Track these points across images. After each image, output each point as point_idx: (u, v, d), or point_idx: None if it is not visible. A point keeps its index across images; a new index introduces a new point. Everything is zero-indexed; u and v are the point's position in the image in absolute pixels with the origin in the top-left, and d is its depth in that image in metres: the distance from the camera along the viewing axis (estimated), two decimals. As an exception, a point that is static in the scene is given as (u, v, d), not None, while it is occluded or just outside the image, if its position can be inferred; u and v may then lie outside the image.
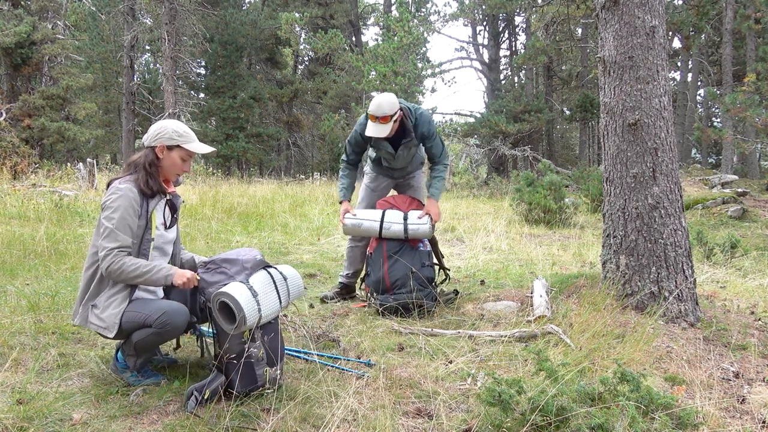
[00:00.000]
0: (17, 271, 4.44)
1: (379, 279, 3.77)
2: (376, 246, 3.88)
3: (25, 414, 2.12)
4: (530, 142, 19.68)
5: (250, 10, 23.79)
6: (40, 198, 8.46)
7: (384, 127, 3.67)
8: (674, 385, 2.51)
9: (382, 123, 3.65)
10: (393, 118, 3.66)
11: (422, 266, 3.77)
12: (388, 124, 3.66)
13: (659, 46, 3.36)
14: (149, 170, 2.49)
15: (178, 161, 2.56)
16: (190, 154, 2.59)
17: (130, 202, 2.40)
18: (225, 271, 2.47)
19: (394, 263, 3.76)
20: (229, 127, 21.17)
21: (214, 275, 2.48)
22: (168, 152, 2.54)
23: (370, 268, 3.89)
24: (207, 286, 2.46)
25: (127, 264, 2.34)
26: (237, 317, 2.26)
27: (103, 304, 2.40)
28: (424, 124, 3.86)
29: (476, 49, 24.75)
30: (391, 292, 3.72)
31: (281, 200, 10.43)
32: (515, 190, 9.85)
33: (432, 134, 3.90)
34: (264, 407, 2.30)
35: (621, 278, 3.40)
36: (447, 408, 2.35)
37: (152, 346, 2.44)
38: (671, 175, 3.36)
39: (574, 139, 28.18)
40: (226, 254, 2.55)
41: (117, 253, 2.34)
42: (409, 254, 3.79)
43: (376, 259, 3.84)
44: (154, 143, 2.53)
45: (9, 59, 16.14)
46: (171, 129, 2.54)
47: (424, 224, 3.77)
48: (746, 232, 8.58)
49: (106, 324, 2.38)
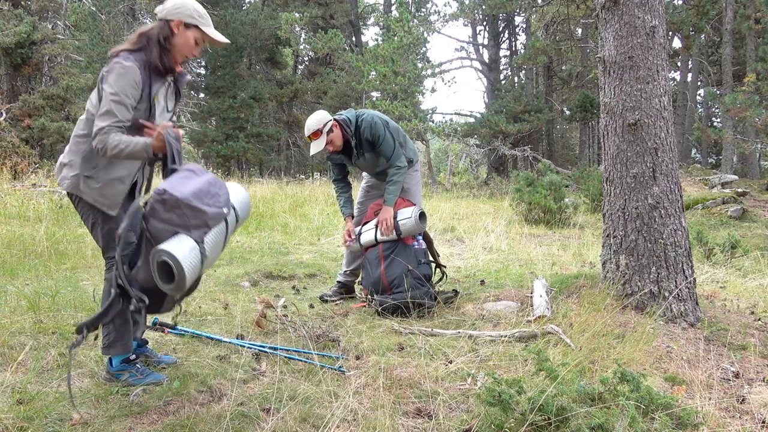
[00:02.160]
0: (17, 271, 4.44)
1: (376, 280, 3.78)
2: (371, 248, 3.91)
3: (25, 414, 2.12)
4: (530, 142, 19.67)
5: (250, 10, 23.77)
6: (40, 198, 8.45)
7: (318, 142, 3.81)
8: (674, 385, 2.51)
9: (315, 139, 3.81)
10: (324, 131, 3.79)
11: (419, 264, 3.80)
12: (320, 138, 3.80)
13: (659, 46, 3.36)
14: (164, 44, 2.33)
15: (192, 42, 2.40)
16: (204, 38, 2.45)
17: (132, 82, 2.25)
18: (184, 218, 2.02)
19: (390, 263, 3.77)
20: (229, 127, 21.15)
21: (169, 213, 2.01)
22: (184, 30, 2.37)
23: (365, 271, 3.91)
24: (155, 220, 2.02)
25: (111, 140, 2.18)
26: (175, 280, 1.98)
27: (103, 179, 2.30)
28: (366, 129, 3.87)
29: (476, 49, 24.75)
30: (390, 291, 3.73)
31: (281, 200, 10.42)
32: (515, 190, 9.85)
33: (376, 136, 3.86)
34: (264, 407, 2.30)
35: (621, 278, 3.41)
36: (447, 408, 2.35)
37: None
38: (671, 175, 3.36)
39: (574, 139, 28.17)
40: (198, 190, 2.07)
41: (108, 130, 2.19)
42: (404, 253, 3.80)
43: (372, 260, 3.86)
44: (172, 17, 2.35)
45: (9, 59, 16.13)
46: (192, 7, 2.40)
47: (408, 218, 3.81)
48: (746, 232, 8.58)
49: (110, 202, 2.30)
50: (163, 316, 3.44)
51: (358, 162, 4.03)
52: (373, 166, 4.05)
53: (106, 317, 2.12)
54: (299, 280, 4.89)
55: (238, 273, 4.87)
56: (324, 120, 3.81)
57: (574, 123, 23.81)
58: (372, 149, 3.92)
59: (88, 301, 3.58)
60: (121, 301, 2.11)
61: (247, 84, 21.80)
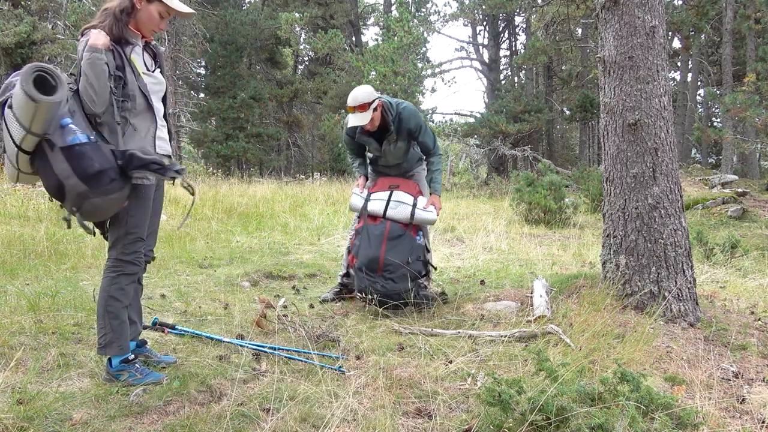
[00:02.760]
0: (17, 271, 4.44)
1: (373, 257, 3.74)
2: (378, 224, 3.87)
3: (25, 414, 2.12)
4: (530, 142, 19.68)
5: (250, 10, 23.77)
6: (40, 198, 8.45)
7: (364, 115, 3.69)
8: (674, 385, 2.51)
9: (360, 112, 3.69)
10: (371, 107, 3.69)
11: (417, 259, 3.81)
12: (367, 112, 3.69)
13: (659, 46, 3.36)
14: (119, 17, 2.38)
15: (155, 16, 2.47)
16: (169, 11, 2.51)
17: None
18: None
19: (393, 246, 3.74)
20: (229, 127, 21.15)
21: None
22: (147, 4, 2.43)
23: (363, 243, 3.83)
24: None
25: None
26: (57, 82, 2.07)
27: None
28: (409, 118, 3.85)
29: (476, 49, 24.76)
30: (381, 273, 3.71)
31: (281, 200, 10.42)
32: (515, 190, 9.85)
33: (420, 126, 3.89)
34: (264, 407, 2.30)
35: (621, 278, 3.41)
36: (447, 408, 2.35)
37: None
38: (671, 175, 3.36)
39: (574, 139, 28.17)
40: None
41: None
42: (408, 244, 3.80)
43: (375, 235, 3.80)
44: None
45: (9, 59, 16.14)
46: None
47: (431, 212, 3.85)
48: (746, 232, 8.59)
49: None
50: (163, 317, 3.44)
51: (387, 148, 3.94)
52: (399, 156, 4.02)
53: None
54: (299, 280, 4.89)
55: (238, 273, 4.87)
56: (373, 95, 3.70)
57: (574, 123, 23.82)
58: (408, 138, 3.90)
59: (88, 301, 3.58)
60: None
61: (247, 84, 21.79)
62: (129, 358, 2.52)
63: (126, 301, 2.50)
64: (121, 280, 2.47)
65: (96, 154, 2.17)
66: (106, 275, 2.47)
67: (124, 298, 2.49)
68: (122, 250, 2.45)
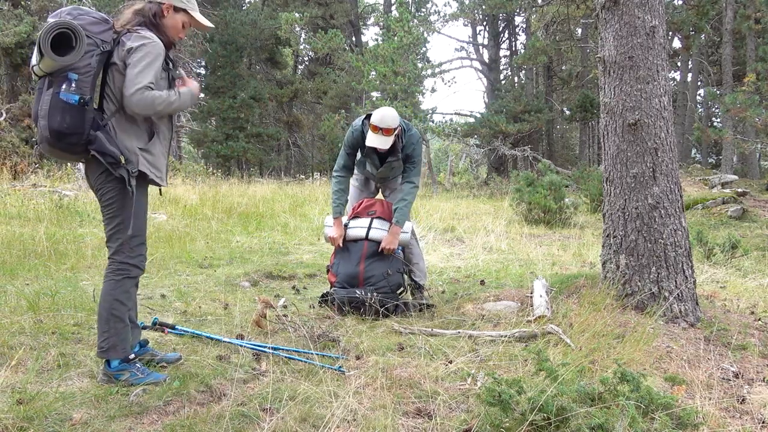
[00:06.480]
0: (17, 271, 4.44)
1: (353, 274, 3.79)
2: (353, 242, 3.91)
3: (25, 414, 2.12)
4: (530, 142, 19.68)
5: (250, 10, 23.78)
6: (40, 198, 8.45)
7: (386, 140, 3.75)
8: (674, 385, 2.51)
9: (385, 135, 3.74)
10: (395, 132, 3.77)
11: (396, 271, 3.85)
12: (390, 136, 3.76)
13: (659, 46, 3.36)
14: (155, 22, 2.47)
15: (179, 26, 2.55)
16: (191, 22, 2.59)
17: (159, 51, 2.40)
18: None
19: (371, 263, 3.80)
20: (229, 127, 21.16)
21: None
22: (174, 13, 2.52)
23: (343, 261, 3.88)
24: None
25: (156, 95, 2.36)
26: (78, 40, 2.19)
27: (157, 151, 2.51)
28: (412, 145, 3.94)
29: (476, 49, 24.76)
30: (362, 286, 3.75)
31: (281, 200, 10.43)
32: (515, 190, 9.86)
33: (418, 156, 3.98)
34: (264, 407, 2.30)
35: (621, 278, 3.40)
36: (447, 408, 2.35)
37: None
38: (671, 175, 3.36)
39: (574, 139, 28.16)
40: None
41: (147, 88, 2.34)
42: (387, 260, 3.84)
43: (354, 253, 3.86)
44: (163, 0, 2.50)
45: (9, 59, 16.12)
46: None
47: (405, 233, 3.88)
48: (746, 232, 8.59)
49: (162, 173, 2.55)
50: (163, 317, 3.44)
51: (384, 166, 3.99)
52: (385, 174, 4.08)
53: None
54: (299, 280, 4.89)
55: (238, 273, 4.87)
56: (398, 121, 3.79)
57: (574, 123, 23.83)
58: (403, 161, 3.97)
59: (88, 301, 3.58)
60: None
61: (247, 84, 21.80)
62: (129, 357, 2.52)
63: (130, 304, 2.52)
64: (126, 283, 2.48)
65: (73, 117, 2.26)
66: (110, 278, 2.47)
67: (129, 301, 2.51)
68: (128, 254, 2.47)
